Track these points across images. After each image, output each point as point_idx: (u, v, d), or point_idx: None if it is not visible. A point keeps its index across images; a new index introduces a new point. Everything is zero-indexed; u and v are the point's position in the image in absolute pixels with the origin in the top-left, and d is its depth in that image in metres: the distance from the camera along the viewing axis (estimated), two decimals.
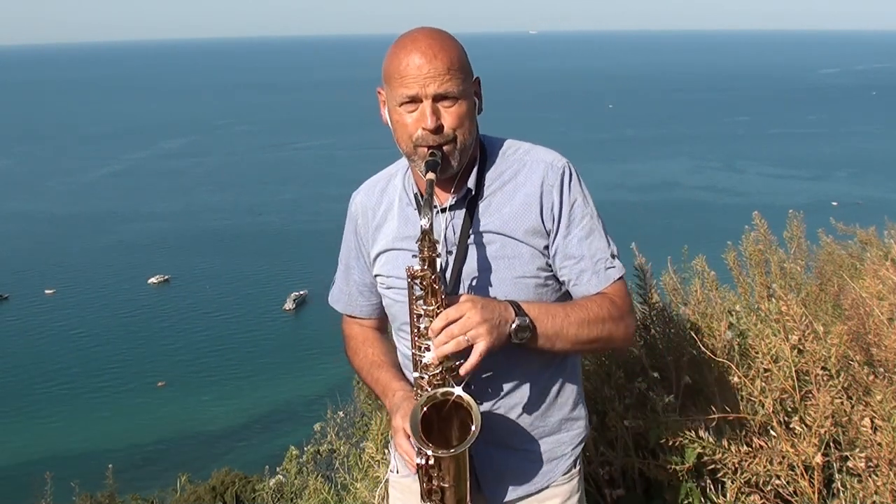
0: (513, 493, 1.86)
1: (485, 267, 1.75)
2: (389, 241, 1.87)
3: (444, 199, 1.80)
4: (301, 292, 46.11)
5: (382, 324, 2.07)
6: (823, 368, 2.20)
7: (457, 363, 1.65)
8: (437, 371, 1.66)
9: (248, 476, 11.02)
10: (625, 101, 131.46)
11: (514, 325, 1.63)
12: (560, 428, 1.88)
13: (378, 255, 1.90)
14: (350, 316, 2.06)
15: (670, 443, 2.48)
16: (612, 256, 1.78)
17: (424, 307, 1.66)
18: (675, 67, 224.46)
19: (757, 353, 2.29)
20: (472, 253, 1.76)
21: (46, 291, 46.74)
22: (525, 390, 1.81)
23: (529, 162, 1.79)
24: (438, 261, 1.66)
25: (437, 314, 1.63)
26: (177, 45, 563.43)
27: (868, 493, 2.14)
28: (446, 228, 1.79)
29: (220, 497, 10.31)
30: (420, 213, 1.78)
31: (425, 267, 1.64)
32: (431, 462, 1.68)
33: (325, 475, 4.60)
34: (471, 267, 1.76)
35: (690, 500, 2.52)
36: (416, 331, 1.69)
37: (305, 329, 42.19)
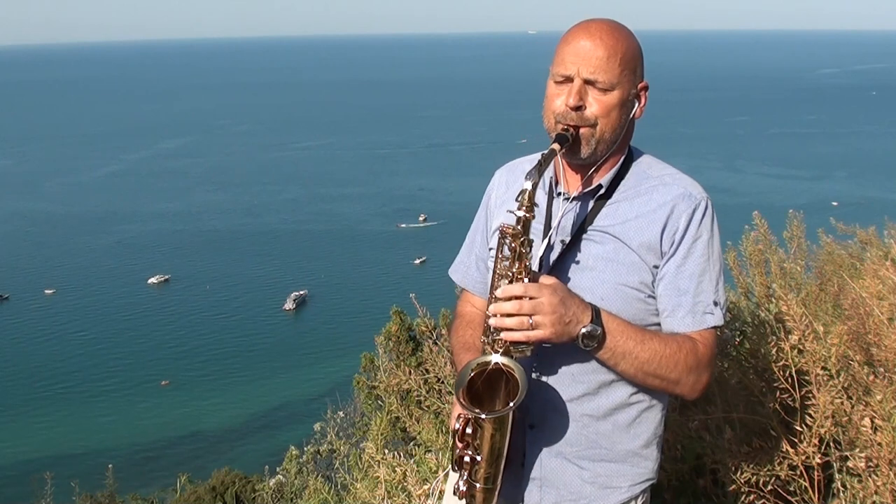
0: (551, 503, 1.80)
1: (591, 265, 1.73)
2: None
3: (575, 187, 1.79)
4: (301, 292, 46.11)
5: None
6: (823, 368, 2.20)
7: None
8: (500, 338, 1.64)
9: (248, 476, 11.01)
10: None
11: (583, 330, 1.61)
12: (626, 459, 1.79)
13: (496, 229, 1.86)
14: (465, 290, 2.04)
15: (670, 443, 2.49)
16: (715, 304, 1.72)
17: (507, 268, 1.64)
18: (676, 67, 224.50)
19: (757, 353, 2.29)
20: (584, 247, 1.74)
21: (46, 291, 46.75)
22: (599, 403, 1.75)
23: (670, 184, 1.75)
24: (533, 225, 1.66)
25: (517, 280, 1.62)
26: (177, 45, 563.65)
27: (868, 493, 2.14)
28: (563, 216, 1.78)
29: (220, 497, 10.31)
30: (551, 199, 1.80)
31: (518, 227, 1.63)
32: (469, 430, 1.69)
33: (325, 475, 4.61)
34: (578, 261, 1.75)
35: (690, 500, 2.52)
36: (493, 292, 1.66)
37: (305, 329, 42.19)
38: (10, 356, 37.92)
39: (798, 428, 2.20)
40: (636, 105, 1.75)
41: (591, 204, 1.76)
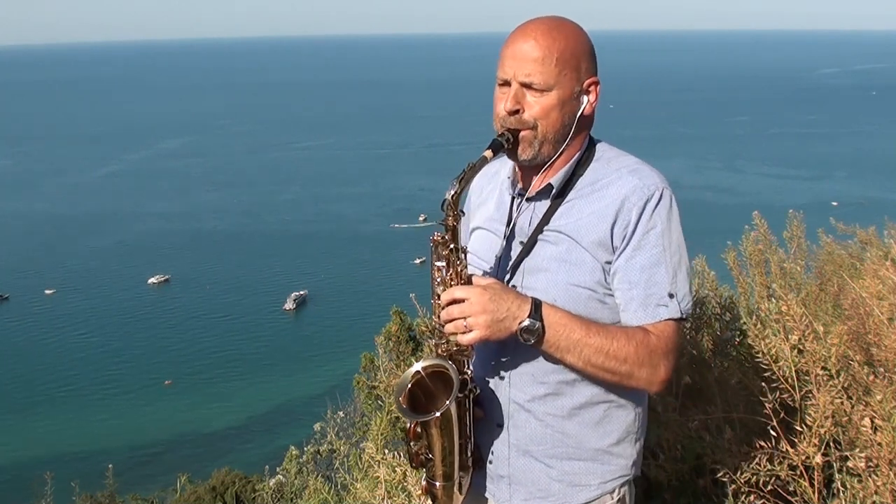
0: (521, 502, 1.82)
1: (545, 266, 1.74)
2: (482, 221, 1.90)
3: (534, 189, 1.80)
4: (301, 292, 46.12)
5: None
6: (823, 368, 2.20)
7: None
8: (445, 342, 1.70)
9: (248, 476, 11.01)
10: (624, 100, 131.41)
11: (520, 324, 1.63)
12: (595, 457, 1.78)
13: (472, 231, 1.93)
14: None
15: (670, 443, 2.49)
16: (670, 296, 1.69)
17: (442, 275, 1.69)
18: (676, 67, 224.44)
19: (757, 353, 2.28)
20: (539, 248, 1.75)
21: (46, 291, 46.76)
22: (563, 402, 1.76)
23: (625, 176, 1.73)
24: (461, 231, 1.70)
25: (451, 285, 1.67)
26: (177, 45, 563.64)
27: (868, 493, 2.14)
28: (519, 217, 1.80)
29: (220, 497, 10.30)
30: (512, 200, 1.83)
31: (446, 235, 1.68)
32: (418, 429, 1.73)
33: (325, 475, 4.61)
34: (533, 262, 1.75)
35: (690, 500, 2.52)
36: (434, 297, 1.71)
37: (305, 329, 42.19)
38: (10, 356, 37.92)
39: (798, 428, 2.20)
40: (584, 102, 1.74)
41: (549, 203, 1.77)
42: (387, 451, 3.36)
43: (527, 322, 1.62)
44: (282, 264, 52.09)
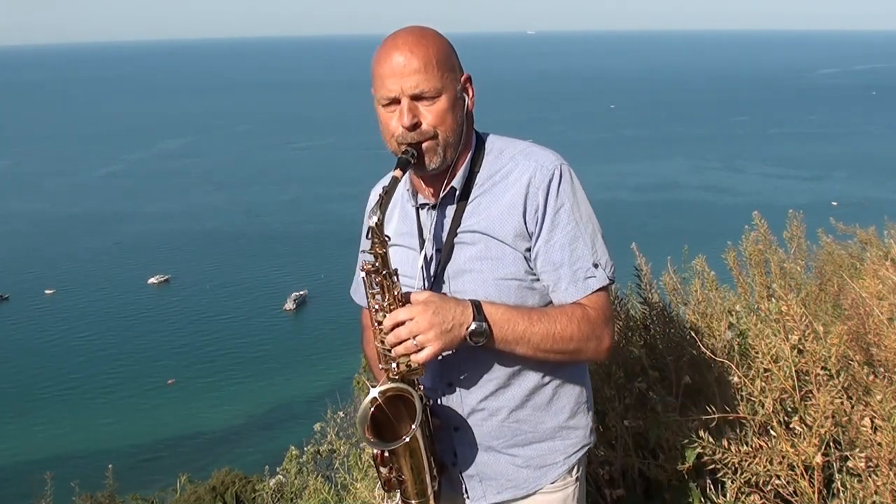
0: (496, 496, 1.85)
1: (468, 267, 1.76)
2: (392, 238, 1.89)
3: (438, 196, 1.81)
4: (301, 292, 46.11)
5: None
6: (823, 368, 2.20)
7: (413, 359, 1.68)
8: (396, 366, 1.70)
9: (248, 476, 11.02)
10: (624, 100, 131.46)
11: (468, 329, 1.64)
12: (554, 436, 1.83)
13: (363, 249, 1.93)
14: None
15: (670, 443, 2.48)
16: (595, 266, 1.73)
17: (380, 302, 1.70)
18: (675, 67, 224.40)
19: (757, 353, 2.29)
20: (458, 252, 1.77)
21: (46, 291, 46.75)
22: (512, 393, 1.79)
23: (521, 161, 1.76)
24: (394, 256, 1.72)
25: (391, 310, 1.67)
26: (177, 45, 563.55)
27: (868, 493, 2.14)
28: (433, 226, 1.81)
29: (220, 497, 10.31)
30: (417, 211, 1.84)
31: (376, 263, 1.68)
32: (386, 454, 1.74)
33: (325, 475, 4.60)
34: (455, 266, 1.77)
35: (690, 500, 2.52)
36: (376, 324, 1.71)
37: (305, 329, 42.19)
38: (10, 356, 37.92)
39: (798, 428, 2.20)
40: (466, 99, 1.77)
41: (455, 206, 1.78)
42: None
43: (473, 325, 1.64)
44: (282, 264, 52.08)
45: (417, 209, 1.85)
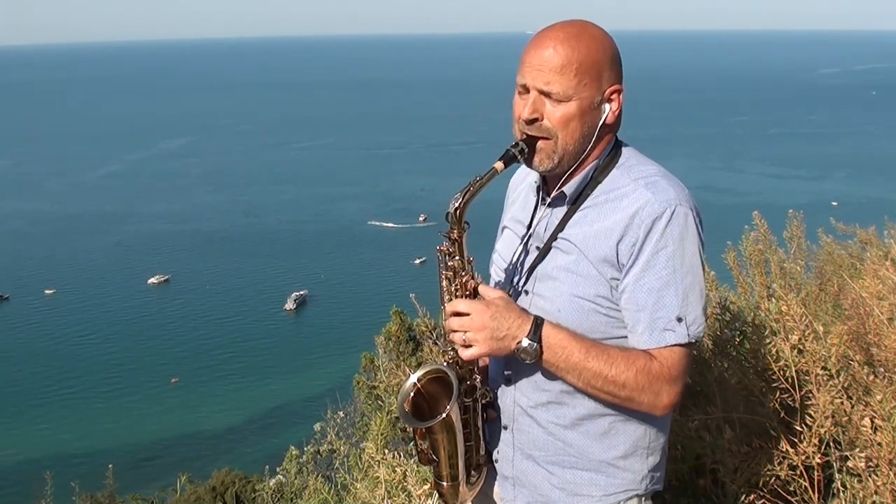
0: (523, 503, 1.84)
1: (554, 275, 1.73)
2: (508, 220, 1.92)
3: (551, 195, 1.79)
4: (301, 292, 46.12)
5: None
6: (823, 368, 2.20)
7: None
8: (451, 350, 1.72)
9: (248, 476, 11.02)
10: (625, 100, 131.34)
11: (518, 345, 1.63)
12: (599, 469, 1.75)
13: (502, 228, 1.94)
14: None
15: (670, 443, 2.48)
16: (679, 320, 1.63)
17: (448, 286, 1.72)
18: (676, 67, 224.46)
19: (757, 353, 2.28)
20: (552, 256, 1.74)
21: (46, 291, 46.76)
22: (564, 412, 1.74)
23: (641, 188, 1.68)
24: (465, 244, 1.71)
25: (456, 297, 1.70)
26: (177, 45, 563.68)
27: (868, 493, 2.14)
28: (543, 223, 1.79)
29: (220, 497, 10.31)
30: (536, 203, 1.83)
31: (451, 248, 1.70)
32: (423, 430, 1.76)
33: (325, 475, 4.61)
34: (545, 269, 1.75)
35: (690, 500, 2.52)
36: (441, 301, 1.74)
37: (306, 329, 42.21)
38: (10, 356, 37.92)
39: (798, 428, 2.20)
40: (606, 111, 1.71)
41: (565, 210, 1.75)
42: (387, 451, 3.37)
43: (525, 343, 1.62)
44: (282, 264, 52.10)
45: (538, 202, 1.83)
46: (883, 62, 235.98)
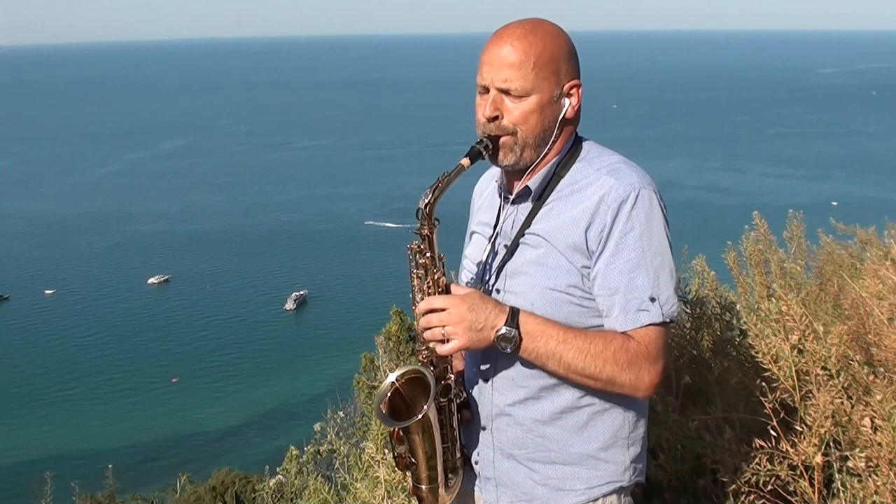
0: (507, 503, 1.83)
1: (524, 270, 1.75)
2: (475, 224, 1.94)
3: (515, 192, 1.82)
4: (301, 292, 46.13)
5: None
6: (823, 368, 2.19)
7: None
8: (425, 349, 1.73)
9: (248, 476, 11.03)
10: (625, 100, 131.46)
11: (497, 333, 1.64)
12: (580, 462, 1.76)
13: (470, 235, 1.96)
14: None
15: (670, 443, 2.48)
16: (652, 300, 1.66)
17: (420, 284, 1.73)
18: (676, 67, 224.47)
19: (757, 353, 2.28)
20: (520, 252, 1.76)
21: (46, 291, 46.76)
22: (542, 407, 1.75)
23: (604, 177, 1.71)
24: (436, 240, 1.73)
25: (430, 293, 1.70)
26: (177, 45, 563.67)
27: (868, 493, 2.14)
28: (506, 220, 1.81)
29: (220, 497, 10.31)
30: (500, 204, 1.85)
31: (421, 245, 1.72)
32: (401, 433, 1.76)
33: (325, 475, 4.61)
34: (514, 265, 1.76)
35: (690, 500, 2.52)
36: (414, 304, 1.74)
37: (306, 329, 42.21)
38: (10, 356, 37.92)
39: (798, 428, 2.20)
40: (566, 105, 1.73)
41: (531, 206, 1.77)
42: (387, 451, 3.36)
43: (503, 330, 1.63)
44: (282, 264, 52.10)
45: (501, 202, 1.85)
46: (883, 62, 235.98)
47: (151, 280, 48.99)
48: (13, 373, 36.32)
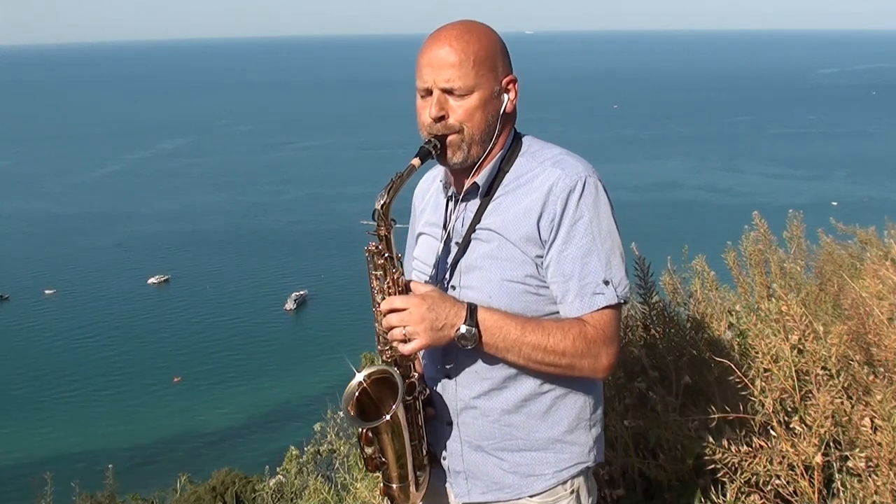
0: (480, 496, 1.86)
1: (479, 264, 1.78)
2: (423, 225, 1.98)
3: (462, 190, 1.85)
4: (301, 292, 46.11)
5: None
6: (823, 368, 2.20)
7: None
8: (388, 349, 1.76)
9: (248, 476, 11.03)
10: (625, 100, 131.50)
11: (457, 332, 1.67)
12: (546, 447, 1.81)
13: (418, 236, 2.01)
14: None
15: (670, 443, 2.48)
16: (605, 283, 1.71)
17: (380, 284, 1.76)
18: (675, 67, 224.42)
19: (757, 353, 2.28)
20: (473, 248, 1.80)
21: (46, 291, 46.75)
22: (506, 396, 1.79)
23: (549, 168, 1.76)
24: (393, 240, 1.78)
25: (389, 294, 1.74)
26: (177, 45, 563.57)
27: (868, 493, 2.14)
28: (456, 218, 1.85)
29: (220, 497, 10.31)
30: (447, 203, 1.89)
31: (379, 245, 1.76)
32: (370, 434, 1.78)
33: (325, 475, 4.61)
34: (468, 261, 1.80)
35: (690, 500, 2.52)
36: (375, 305, 1.78)
37: (306, 329, 42.20)
38: (10, 356, 37.91)
39: (798, 428, 2.20)
40: (505, 100, 1.78)
41: (479, 202, 1.81)
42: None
43: (463, 329, 1.67)
44: (282, 264, 52.08)
45: (448, 201, 1.89)
46: (883, 62, 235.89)
47: (151, 280, 48.97)
48: (13, 373, 36.31)
